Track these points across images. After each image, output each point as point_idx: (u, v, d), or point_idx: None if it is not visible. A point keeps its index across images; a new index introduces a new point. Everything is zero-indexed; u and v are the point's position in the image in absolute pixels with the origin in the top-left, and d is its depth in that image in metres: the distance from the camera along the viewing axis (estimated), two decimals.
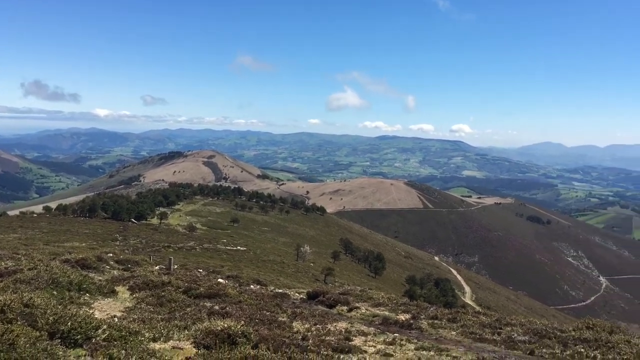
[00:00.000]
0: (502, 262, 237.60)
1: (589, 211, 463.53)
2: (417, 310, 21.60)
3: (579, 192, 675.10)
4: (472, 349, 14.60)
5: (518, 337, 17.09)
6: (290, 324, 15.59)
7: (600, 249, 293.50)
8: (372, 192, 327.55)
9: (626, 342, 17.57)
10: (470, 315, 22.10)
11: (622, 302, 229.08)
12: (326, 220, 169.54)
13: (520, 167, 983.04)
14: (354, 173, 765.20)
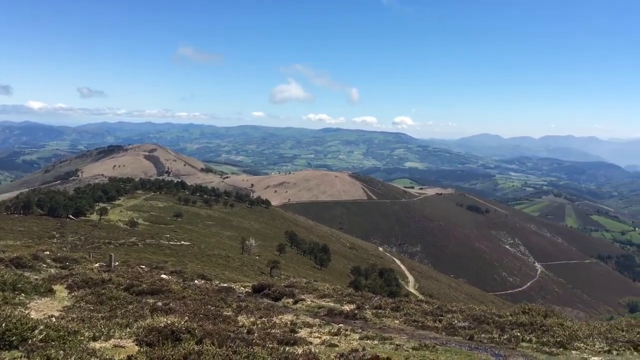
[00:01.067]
0: (444, 251, 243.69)
1: (524, 200, 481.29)
2: (361, 301, 21.92)
3: (515, 182, 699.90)
4: (414, 336, 14.96)
5: (458, 324, 17.63)
6: (236, 318, 15.52)
7: (535, 236, 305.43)
8: (317, 184, 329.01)
9: (559, 325, 18.42)
10: (413, 303, 22.63)
11: (556, 286, 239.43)
12: (271, 213, 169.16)
13: (460, 158, 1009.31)
14: (299, 166, 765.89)
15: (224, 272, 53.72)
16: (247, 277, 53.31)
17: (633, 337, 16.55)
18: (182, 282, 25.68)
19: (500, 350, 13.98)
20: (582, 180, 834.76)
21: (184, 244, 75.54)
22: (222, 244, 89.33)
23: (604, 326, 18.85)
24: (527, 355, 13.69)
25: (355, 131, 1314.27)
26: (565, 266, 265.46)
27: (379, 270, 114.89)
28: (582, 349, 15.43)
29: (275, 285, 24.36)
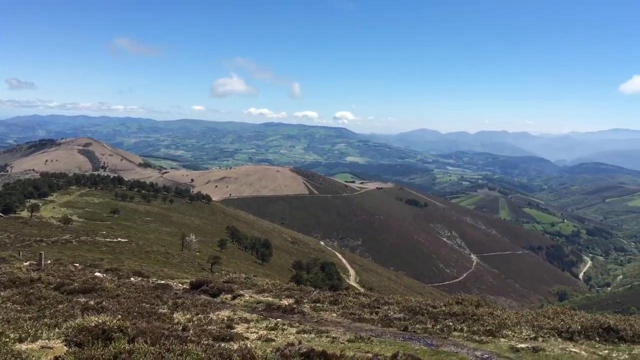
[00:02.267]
0: (384, 244, 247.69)
1: (461, 194, 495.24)
2: (300, 295, 22.04)
3: (452, 176, 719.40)
4: (351, 329, 15.21)
5: (394, 315, 18.02)
6: (171, 315, 15.31)
7: (471, 229, 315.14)
8: (258, 179, 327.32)
9: (489, 314, 19.13)
10: (351, 296, 22.94)
11: (490, 277, 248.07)
12: (212, 209, 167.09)
13: (399, 153, 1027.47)
14: (240, 160, 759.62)
15: (163, 269, 52.75)
16: (187, 273, 52.53)
17: (557, 324, 17.39)
18: (117, 279, 25.05)
19: (433, 340, 14.42)
20: (514, 174, 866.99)
21: (121, 241, 73.55)
22: (161, 240, 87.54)
23: (531, 314, 19.73)
24: (458, 344, 14.17)
25: (297, 126, 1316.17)
26: (499, 257, 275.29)
27: (321, 265, 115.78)
28: (510, 336, 16.10)
29: (213, 282, 24.14)
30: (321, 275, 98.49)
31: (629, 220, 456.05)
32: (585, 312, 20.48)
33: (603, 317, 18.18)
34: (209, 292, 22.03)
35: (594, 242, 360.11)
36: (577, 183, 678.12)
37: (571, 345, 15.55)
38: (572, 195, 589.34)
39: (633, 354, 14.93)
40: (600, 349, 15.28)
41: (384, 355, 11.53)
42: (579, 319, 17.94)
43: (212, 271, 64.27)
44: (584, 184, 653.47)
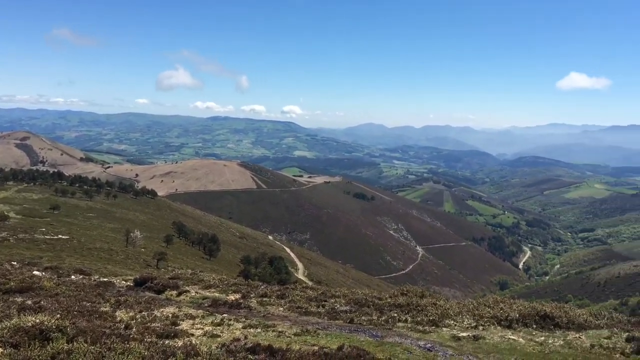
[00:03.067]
0: (332, 237, 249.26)
1: (407, 187, 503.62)
2: (247, 290, 21.96)
3: (398, 170, 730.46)
4: (297, 322, 15.27)
5: (340, 308, 18.21)
6: (114, 314, 14.95)
7: (417, 222, 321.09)
8: (205, 173, 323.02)
9: (433, 304, 19.60)
10: (299, 290, 23.02)
11: (435, 268, 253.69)
12: (157, 204, 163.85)
13: (347, 147, 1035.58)
14: (186, 154, 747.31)
15: (106, 266, 51.34)
16: (132, 270, 51.34)
17: (497, 313, 18.00)
18: (57, 278, 24.24)
19: (378, 331, 14.66)
20: (458, 167, 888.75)
21: (62, 238, 71.13)
22: (104, 236, 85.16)
23: (473, 304, 20.32)
24: (402, 334, 14.47)
25: (245, 120, 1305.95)
26: (443, 249, 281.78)
27: (269, 259, 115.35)
28: (452, 326, 16.54)
29: (158, 278, 23.72)
30: (269, 270, 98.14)
31: (565, 211, 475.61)
32: (524, 301, 21.25)
33: (540, 305, 18.93)
34: (153, 289, 21.64)
35: (533, 233, 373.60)
36: (517, 176, 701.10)
37: (510, 333, 16.12)
38: (512, 188, 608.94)
39: (567, 340, 15.62)
40: (537, 336, 15.91)
41: (330, 348, 11.64)
42: (517, 308, 18.62)
43: (158, 267, 63.07)
44: (523, 177, 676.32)
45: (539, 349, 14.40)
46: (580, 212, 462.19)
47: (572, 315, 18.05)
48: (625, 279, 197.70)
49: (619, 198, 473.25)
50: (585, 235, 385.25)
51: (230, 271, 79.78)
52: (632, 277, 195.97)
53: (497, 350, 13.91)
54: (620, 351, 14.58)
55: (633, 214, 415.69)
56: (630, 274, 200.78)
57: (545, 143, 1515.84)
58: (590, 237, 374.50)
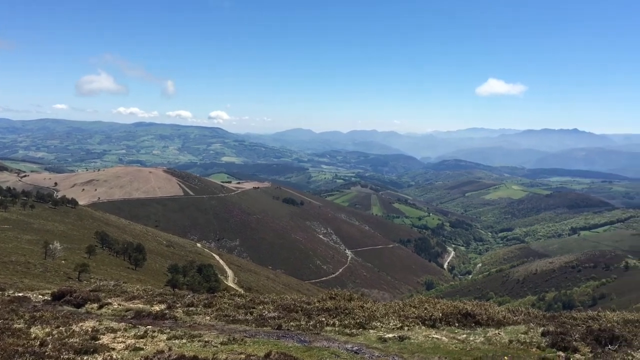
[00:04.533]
0: (262, 243, 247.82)
1: (335, 191, 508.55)
2: (173, 300, 21.42)
3: (327, 175, 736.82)
4: (224, 331, 15.04)
5: (268, 314, 18.10)
6: (28, 330, 14.17)
7: (346, 225, 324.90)
8: (130, 181, 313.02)
9: (360, 307, 19.85)
10: (227, 298, 22.70)
11: (364, 271, 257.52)
12: (79, 214, 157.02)
13: (275, 153, 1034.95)
14: (109, 162, 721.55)
15: (23, 280, 48.62)
16: (51, 283, 48.89)
17: (422, 313, 18.46)
18: None
19: (306, 336, 14.69)
20: (385, 171, 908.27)
21: None
22: (20, 249, 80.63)
23: (399, 305, 20.76)
24: (330, 338, 14.57)
25: (170, 125, 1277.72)
26: (372, 251, 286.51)
27: (198, 267, 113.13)
28: (378, 327, 16.82)
29: (78, 291, 22.69)
30: (198, 278, 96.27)
31: (485, 212, 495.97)
32: (447, 300, 21.92)
33: (462, 304, 19.60)
34: (72, 303, 20.68)
35: (457, 233, 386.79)
36: (441, 179, 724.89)
37: (434, 332, 16.58)
38: (436, 190, 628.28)
39: (487, 336, 16.24)
40: (459, 334, 16.45)
41: (257, 355, 11.56)
42: (440, 307, 19.17)
43: (80, 280, 60.43)
44: (446, 180, 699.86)
45: (461, 347, 14.89)
46: (500, 213, 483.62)
47: (492, 312, 18.79)
48: (542, 275, 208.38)
49: (535, 198, 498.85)
50: (505, 234, 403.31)
51: (157, 281, 77.69)
52: (548, 274, 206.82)
53: (421, 350, 14.27)
54: (536, 345, 15.30)
55: (547, 213, 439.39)
56: (546, 270, 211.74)
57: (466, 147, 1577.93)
58: (509, 236, 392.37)
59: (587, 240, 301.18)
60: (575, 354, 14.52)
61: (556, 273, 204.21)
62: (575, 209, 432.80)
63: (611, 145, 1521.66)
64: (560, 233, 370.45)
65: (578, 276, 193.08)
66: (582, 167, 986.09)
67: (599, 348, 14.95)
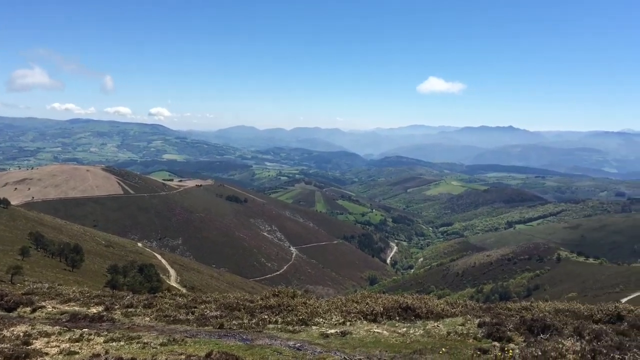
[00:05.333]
0: (205, 242, 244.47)
1: (280, 189, 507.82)
2: (111, 301, 20.87)
3: (271, 172, 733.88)
4: (164, 331, 14.78)
5: (210, 314, 17.92)
6: None
7: (290, 222, 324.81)
8: (66, 179, 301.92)
9: (303, 304, 19.93)
10: (168, 298, 22.32)
11: (309, 267, 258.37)
12: (11, 214, 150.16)
13: (218, 150, 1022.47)
14: (44, 160, 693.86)
15: None
16: None
17: (363, 308, 18.72)
18: None
19: (249, 334, 14.63)
20: (328, 168, 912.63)
21: None
22: None
23: (341, 300, 20.97)
24: (273, 336, 14.56)
25: (109, 122, 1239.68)
26: (316, 248, 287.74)
27: (139, 267, 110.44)
28: (321, 323, 16.94)
29: (9, 294, 21.76)
30: (139, 278, 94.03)
31: (426, 207, 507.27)
32: (389, 295, 22.32)
33: (402, 298, 20.01)
34: (3, 307, 19.82)
35: (399, 229, 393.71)
36: (383, 175, 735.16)
37: (375, 326, 16.85)
38: (379, 187, 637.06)
39: (427, 329, 16.65)
40: (400, 327, 16.78)
41: (198, 356, 11.42)
42: (382, 302, 19.50)
43: (13, 283, 57.86)
44: (388, 176, 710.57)
45: (401, 340, 15.19)
46: (440, 208, 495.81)
47: (431, 305, 19.28)
48: (480, 268, 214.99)
49: (473, 194, 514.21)
50: (445, 229, 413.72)
51: (96, 282, 75.39)
52: (486, 266, 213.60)
53: (362, 344, 14.47)
54: (473, 336, 15.80)
55: (485, 208, 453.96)
56: (484, 263, 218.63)
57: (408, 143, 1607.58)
58: (449, 231, 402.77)
59: (522, 234, 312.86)
60: (509, 343, 15.08)
61: (493, 266, 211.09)
62: (511, 204, 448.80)
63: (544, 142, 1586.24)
64: (497, 227, 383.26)
65: (514, 268, 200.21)
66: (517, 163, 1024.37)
67: (532, 337, 15.59)
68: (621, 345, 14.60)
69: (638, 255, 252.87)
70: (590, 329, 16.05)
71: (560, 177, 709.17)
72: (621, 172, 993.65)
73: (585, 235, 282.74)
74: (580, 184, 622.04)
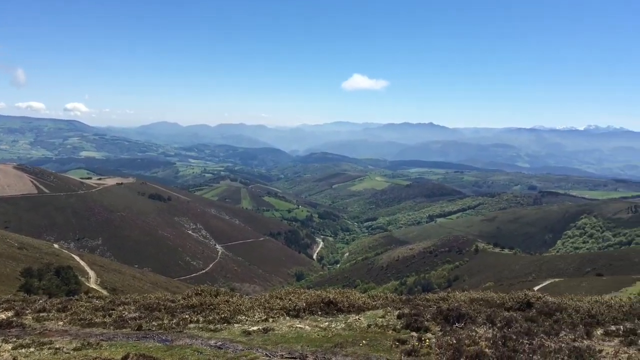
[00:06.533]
0: (127, 241, 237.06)
1: (204, 186, 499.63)
2: (22, 306, 19.86)
3: (195, 169, 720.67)
4: (79, 335, 14.26)
5: (129, 315, 17.43)
6: None
7: (215, 220, 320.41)
8: None
9: (226, 302, 19.78)
10: (84, 301, 21.52)
11: (235, 265, 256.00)
12: None
13: (140, 147, 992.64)
14: None
15: None
16: None
17: (286, 304, 18.81)
18: None
19: (168, 335, 14.36)
20: (254, 164, 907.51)
21: None
22: None
23: (265, 297, 20.97)
24: (193, 335, 14.37)
25: (20, 118, 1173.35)
26: (242, 245, 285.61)
27: (56, 269, 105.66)
28: (243, 321, 16.88)
29: None
30: (56, 281, 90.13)
31: (351, 203, 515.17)
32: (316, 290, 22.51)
33: (325, 293, 20.25)
34: None
35: (325, 224, 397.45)
36: (309, 171, 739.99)
37: (298, 321, 16.98)
38: (305, 183, 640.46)
39: (348, 322, 16.97)
40: (322, 322, 17.01)
41: (114, 359, 11.09)
42: (305, 297, 19.67)
43: None
44: (314, 172, 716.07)
45: (323, 334, 15.41)
46: (365, 203, 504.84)
47: (353, 299, 19.65)
48: (403, 261, 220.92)
49: (396, 189, 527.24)
50: (370, 224, 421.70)
51: (8, 287, 71.49)
52: (409, 259, 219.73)
53: (284, 340, 14.56)
54: (392, 328, 16.26)
55: (408, 202, 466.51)
56: (407, 256, 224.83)
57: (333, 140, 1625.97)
58: (374, 225, 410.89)
59: (443, 227, 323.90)
60: (426, 333, 15.64)
61: (416, 258, 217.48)
62: (432, 198, 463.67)
63: (462, 138, 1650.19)
64: (419, 221, 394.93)
65: (435, 260, 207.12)
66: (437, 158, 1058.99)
67: (448, 326, 16.23)
68: (529, 331, 15.48)
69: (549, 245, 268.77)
70: (501, 317, 16.87)
71: (477, 172, 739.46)
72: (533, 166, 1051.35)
73: (500, 227, 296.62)
74: (495, 178, 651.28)
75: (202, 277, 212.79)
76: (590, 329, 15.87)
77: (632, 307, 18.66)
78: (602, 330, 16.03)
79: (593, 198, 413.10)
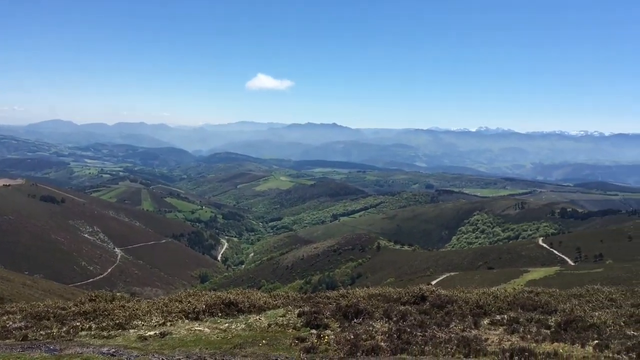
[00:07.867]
0: (16, 247, 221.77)
1: (102, 187, 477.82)
2: None
3: (91, 169, 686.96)
4: None
5: (13, 325, 16.38)
6: None
7: (114, 222, 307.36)
8: None
9: (121, 307, 19.06)
10: None
11: (136, 269, 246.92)
12: None
13: (29, 146, 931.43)
14: None
15: None
16: None
17: (186, 307, 18.45)
18: None
19: (57, 344, 13.62)
20: (155, 165, 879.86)
21: None
22: None
23: (163, 301, 20.44)
24: (84, 343, 13.73)
25: None
26: (143, 248, 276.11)
27: None
28: (139, 326, 16.36)
29: None
30: None
31: (256, 203, 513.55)
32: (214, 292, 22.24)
33: (225, 294, 20.09)
34: None
35: (229, 225, 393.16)
36: (213, 172, 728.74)
37: (197, 324, 16.72)
38: (209, 184, 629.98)
39: (249, 322, 16.95)
40: (222, 323, 16.87)
41: None
42: (205, 299, 19.40)
43: None
44: (218, 173, 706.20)
45: (222, 336, 15.28)
46: (270, 203, 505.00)
47: (254, 299, 19.63)
48: (308, 260, 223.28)
49: (301, 188, 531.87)
50: (275, 223, 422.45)
51: None
52: (314, 258, 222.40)
53: (182, 344, 14.29)
54: (292, 326, 16.43)
55: (312, 202, 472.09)
56: (312, 255, 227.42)
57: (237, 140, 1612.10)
58: (278, 225, 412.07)
59: (346, 225, 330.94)
60: (326, 330, 15.95)
61: (320, 257, 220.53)
62: (335, 197, 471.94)
63: (364, 139, 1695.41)
64: (323, 220, 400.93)
65: (339, 258, 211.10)
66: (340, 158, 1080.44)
67: (347, 322, 16.64)
68: (423, 323, 16.22)
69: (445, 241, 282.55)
70: (397, 311, 17.53)
71: (378, 172, 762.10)
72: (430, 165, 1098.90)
73: (400, 225, 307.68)
74: (395, 177, 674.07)
75: (100, 283, 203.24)
76: (478, 319, 16.89)
77: (515, 298, 20.09)
78: (488, 320, 17.11)
79: (484, 196, 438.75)
